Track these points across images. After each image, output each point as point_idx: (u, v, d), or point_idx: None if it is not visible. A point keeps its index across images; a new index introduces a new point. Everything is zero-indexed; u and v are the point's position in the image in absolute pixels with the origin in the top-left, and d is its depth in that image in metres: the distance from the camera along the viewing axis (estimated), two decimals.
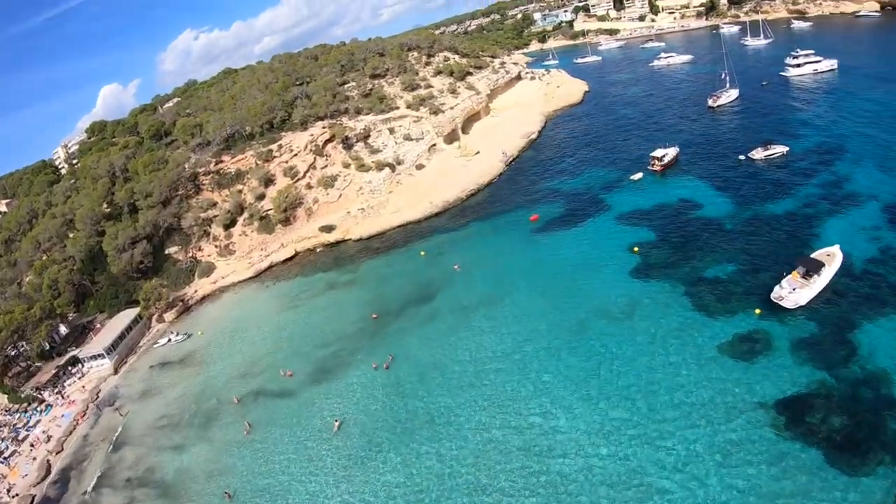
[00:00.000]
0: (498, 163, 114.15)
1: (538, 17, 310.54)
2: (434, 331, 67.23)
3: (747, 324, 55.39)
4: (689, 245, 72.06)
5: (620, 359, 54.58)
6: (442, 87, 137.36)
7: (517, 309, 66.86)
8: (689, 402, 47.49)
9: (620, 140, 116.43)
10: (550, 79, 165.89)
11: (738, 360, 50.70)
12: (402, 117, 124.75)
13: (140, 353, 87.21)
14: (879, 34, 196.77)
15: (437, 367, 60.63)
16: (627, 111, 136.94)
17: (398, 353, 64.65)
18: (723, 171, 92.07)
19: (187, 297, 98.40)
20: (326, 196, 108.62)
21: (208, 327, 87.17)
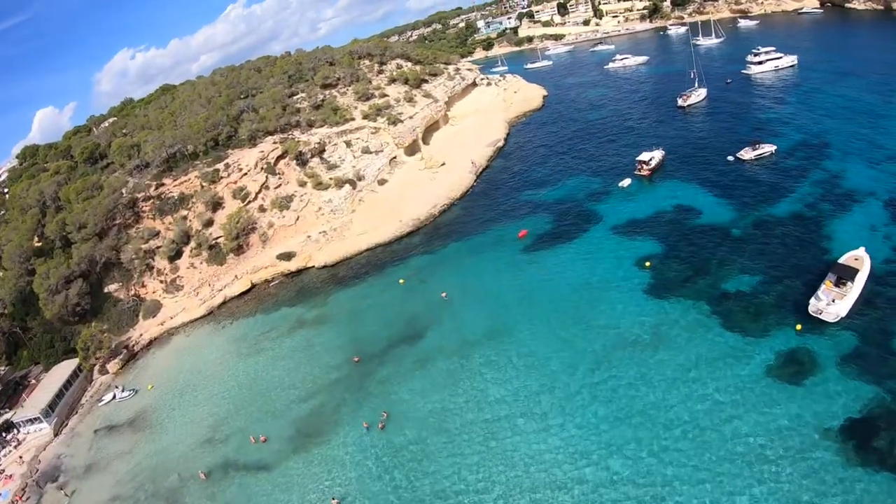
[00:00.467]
0: (467, 174, 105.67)
1: (482, 25, 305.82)
2: (430, 378, 57.25)
3: (787, 341, 49.52)
4: (701, 256, 65.44)
5: (656, 401, 46.74)
6: (398, 95, 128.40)
7: (523, 346, 57.78)
8: (745, 449, 40.63)
9: (595, 145, 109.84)
10: (507, 84, 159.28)
11: (788, 386, 44.92)
12: (359, 129, 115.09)
13: (83, 413, 74.28)
14: (826, 29, 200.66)
15: (441, 426, 50.92)
16: (594, 115, 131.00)
17: (392, 407, 54.39)
18: (714, 174, 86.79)
19: (132, 342, 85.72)
20: (282, 219, 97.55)
21: (159, 379, 74.77)
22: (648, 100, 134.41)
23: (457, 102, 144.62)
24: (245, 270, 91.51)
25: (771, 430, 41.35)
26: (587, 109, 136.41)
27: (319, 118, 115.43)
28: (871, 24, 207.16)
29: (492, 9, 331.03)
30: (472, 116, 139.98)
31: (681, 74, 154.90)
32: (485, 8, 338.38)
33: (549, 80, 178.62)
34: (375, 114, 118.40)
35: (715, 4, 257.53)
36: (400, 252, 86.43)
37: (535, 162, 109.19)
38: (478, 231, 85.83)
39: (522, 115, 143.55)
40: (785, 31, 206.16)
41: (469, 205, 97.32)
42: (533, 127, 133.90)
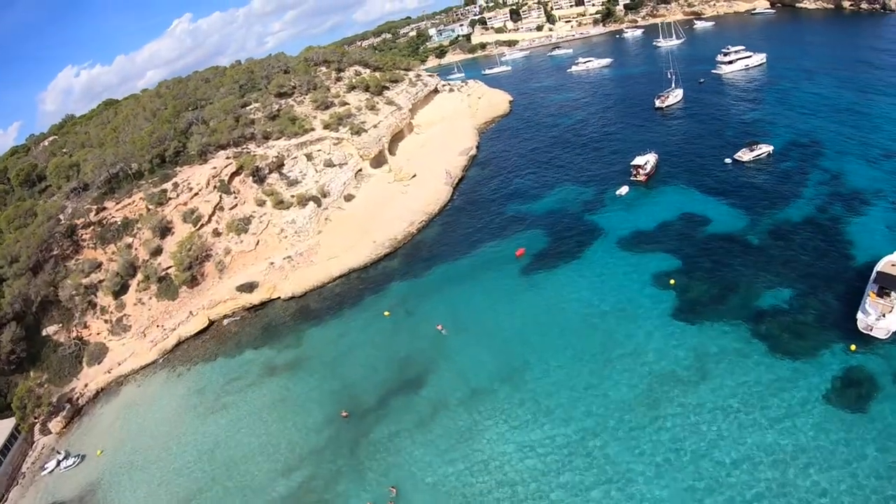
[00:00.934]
0: (443, 186, 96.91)
1: (433, 33, 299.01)
2: (438, 440, 47.22)
3: (839, 362, 43.86)
4: (724, 270, 58.62)
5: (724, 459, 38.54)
6: (359, 103, 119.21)
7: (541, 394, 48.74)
8: None
9: (578, 152, 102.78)
10: (470, 90, 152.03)
11: (851, 413, 39.37)
12: (320, 140, 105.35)
13: (25, 484, 62.27)
14: (782, 28, 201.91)
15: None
16: (568, 120, 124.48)
17: (399, 481, 44.25)
18: (713, 178, 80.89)
19: (76, 394, 73.71)
20: (240, 244, 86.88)
21: (108, 442, 62.98)
22: (623, 102, 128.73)
23: (420, 110, 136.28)
24: (201, 305, 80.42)
25: (851, 477, 34.96)
26: (560, 115, 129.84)
27: (276, 129, 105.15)
28: (824, 22, 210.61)
29: (442, 17, 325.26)
30: (438, 124, 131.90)
31: (648, 75, 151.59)
32: (434, 17, 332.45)
33: (511, 86, 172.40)
34: (337, 123, 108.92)
35: (668, 7, 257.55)
36: (378, 278, 76.62)
37: (515, 172, 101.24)
38: (465, 251, 76.83)
39: (490, 122, 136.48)
40: (742, 31, 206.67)
41: (450, 220, 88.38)
42: (505, 134, 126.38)
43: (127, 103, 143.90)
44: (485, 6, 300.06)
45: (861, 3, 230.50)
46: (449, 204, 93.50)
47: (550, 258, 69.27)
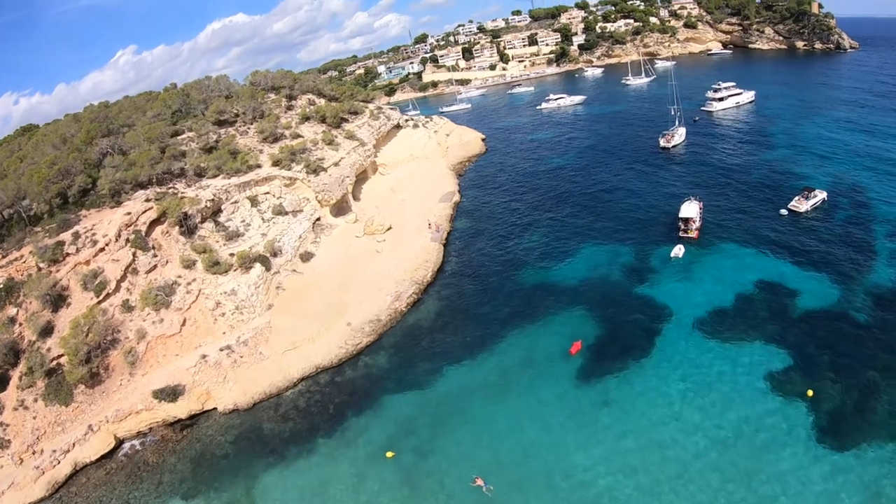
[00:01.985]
0: (430, 242, 74.64)
1: (382, 70, 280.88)
2: None
3: None
4: (849, 364, 42.10)
5: None
6: (315, 136, 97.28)
7: None
8: None
9: (587, 199, 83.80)
10: (436, 126, 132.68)
11: None
12: (268, 180, 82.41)
13: None
14: (745, 67, 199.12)
15: None
16: (560, 160, 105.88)
17: None
18: (772, 232, 64.37)
19: None
20: (160, 324, 61.81)
21: None
22: (618, 142, 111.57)
23: (383, 147, 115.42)
24: (104, 417, 53.96)
25: None
26: (547, 155, 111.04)
27: (213, 165, 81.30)
28: (784, 61, 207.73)
29: (390, 55, 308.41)
30: (407, 164, 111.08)
31: (632, 114, 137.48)
32: (382, 55, 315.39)
33: (476, 123, 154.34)
34: (289, 159, 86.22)
35: (623, 48, 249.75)
36: (361, 385, 51.92)
37: (517, 224, 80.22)
38: (484, 342, 53.61)
39: (466, 161, 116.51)
40: (706, 69, 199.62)
41: (450, 293, 64.77)
42: (487, 176, 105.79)
43: (46, 129, 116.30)
44: (436, 44, 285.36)
45: (815, 43, 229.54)
46: (443, 267, 70.82)
47: (612, 354, 48.09)
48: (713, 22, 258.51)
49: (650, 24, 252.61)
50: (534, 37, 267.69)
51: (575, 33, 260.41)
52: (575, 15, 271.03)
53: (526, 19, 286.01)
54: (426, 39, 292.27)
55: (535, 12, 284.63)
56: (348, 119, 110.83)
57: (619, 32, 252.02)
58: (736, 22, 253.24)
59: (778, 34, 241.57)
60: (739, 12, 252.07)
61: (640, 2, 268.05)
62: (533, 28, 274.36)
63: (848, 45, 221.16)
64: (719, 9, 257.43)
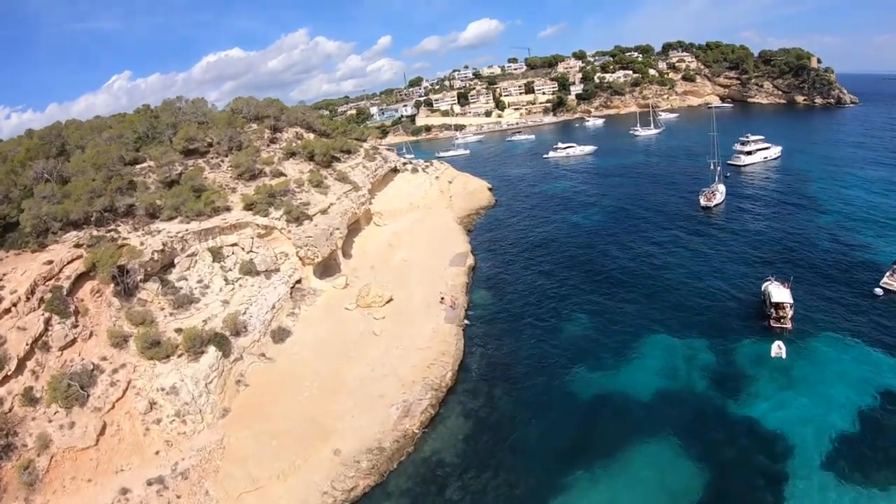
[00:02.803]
0: (445, 324, 54.55)
1: (375, 112, 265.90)
2: None
3: None
4: None
5: None
6: (300, 176, 78.42)
7: None
8: None
9: (635, 274, 64.33)
10: (437, 171, 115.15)
11: None
12: (238, 227, 62.98)
13: None
14: (751, 120, 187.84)
15: None
16: (584, 220, 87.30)
17: None
18: (874, 320, 47.59)
19: None
20: (69, 430, 40.61)
21: None
22: (645, 199, 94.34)
23: (379, 192, 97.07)
24: None
25: None
26: (569, 214, 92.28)
27: (170, 204, 61.52)
28: (786, 114, 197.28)
29: (383, 97, 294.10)
30: (407, 214, 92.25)
31: (652, 166, 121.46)
32: (374, 97, 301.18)
33: (478, 171, 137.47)
34: (266, 202, 66.85)
35: (622, 99, 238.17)
36: None
37: (552, 302, 59.96)
38: (543, 499, 33.68)
39: (474, 213, 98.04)
40: (709, 122, 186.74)
41: (478, 405, 43.80)
42: (501, 234, 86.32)
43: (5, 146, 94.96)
44: (430, 88, 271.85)
45: (815, 97, 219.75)
46: (465, 362, 50.13)
47: None
48: (711, 75, 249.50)
49: (649, 75, 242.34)
50: (530, 85, 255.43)
51: (572, 83, 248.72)
52: (572, 65, 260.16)
53: (522, 67, 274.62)
54: (421, 83, 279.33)
55: (532, 61, 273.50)
56: (340, 158, 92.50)
57: (617, 83, 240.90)
58: (734, 76, 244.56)
59: (777, 88, 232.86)
60: (738, 66, 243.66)
61: (637, 53, 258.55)
62: (529, 76, 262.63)
63: (849, 99, 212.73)
64: (717, 62, 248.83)
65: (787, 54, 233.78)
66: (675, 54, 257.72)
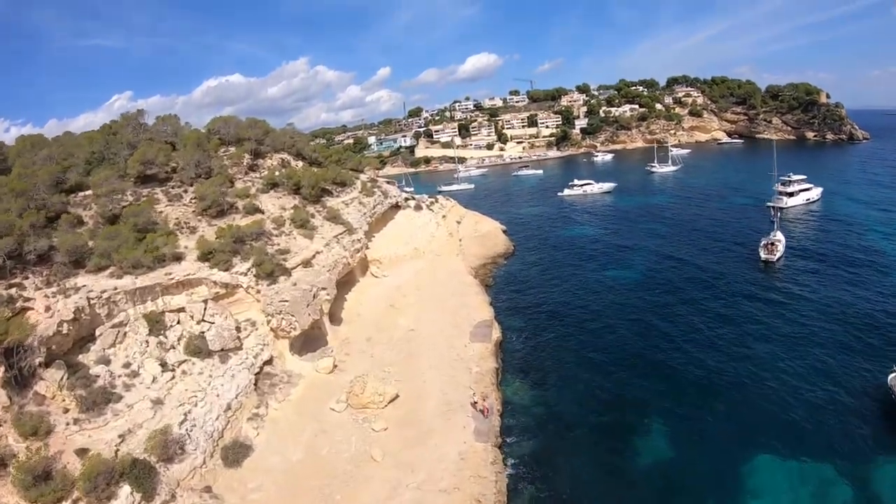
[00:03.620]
0: (475, 443, 36.00)
1: (373, 141, 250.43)
2: None
3: None
4: None
5: None
6: (280, 213, 60.97)
7: None
8: None
9: (711, 371, 45.40)
10: (443, 209, 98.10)
11: None
12: (188, 285, 45.04)
13: None
14: (766, 157, 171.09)
15: None
16: (625, 275, 69.54)
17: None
18: None
19: None
20: None
21: None
22: (688, 250, 77.40)
23: (377, 233, 79.76)
24: None
25: None
26: (600, 265, 75.20)
27: (101, 249, 43.77)
28: (800, 151, 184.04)
29: (381, 127, 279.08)
30: (411, 262, 74.54)
31: (676, 208, 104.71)
32: (373, 127, 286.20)
33: (486, 208, 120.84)
34: (230, 249, 49.35)
35: (629, 134, 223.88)
36: None
37: (609, 398, 42.43)
38: None
39: (490, 262, 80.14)
40: (727, 158, 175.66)
41: None
42: (529, 294, 67.82)
43: None
44: (430, 119, 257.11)
45: (826, 133, 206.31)
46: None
47: None
48: (718, 111, 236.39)
49: (656, 110, 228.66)
50: (533, 118, 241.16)
51: (577, 116, 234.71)
52: (576, 98, 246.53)
53: (524, 99, 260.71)
54: (420, 113, 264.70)
55: (534, 93, 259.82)
56: (332, 192, 75.41)
57: (624, 117, 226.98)
58: (741, 111, 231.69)
59: (786, 124, 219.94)
60: (745, 101, 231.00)
61: (642, 87, 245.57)
62: (532, 109, 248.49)
63: (861, 135, 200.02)
64: (724, 97, 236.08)
65: (795, 89, 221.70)
66: (680, 89, 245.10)
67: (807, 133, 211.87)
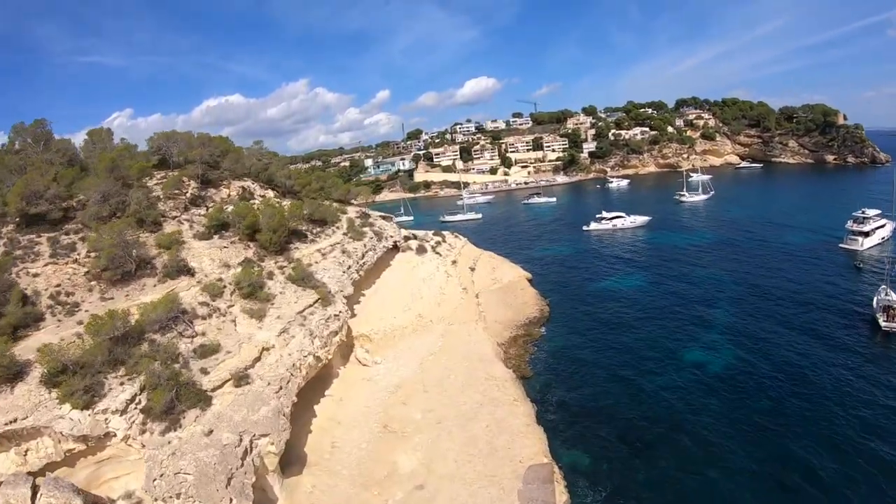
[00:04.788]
0: None
1: (369, 164, 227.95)
2: None
3: None
4: None
5: None
6: (219, 275, 38.39)
7: None
8: None
9: None
10: (453, 250, 75.17)
11: None
12: (17, 437, 22.85)
13: None
14: (798, 183, 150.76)
15: None
16: (714, 363, 45.94)
17: None
18: None
19: None
20: None
21: None
22: (778, 312, 54.63)
23: (367, 290, 56.59)
24: None
25: None
26: (671, 339, 51.68)
27: None
28: (825, 176, 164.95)
29: (379, 150, 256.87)
30: (415, 337, 50.84)
31: (729, 251, 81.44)
32: (370, 150, 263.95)
33: (500, 244, 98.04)
34: (104, 361, 26.67)
35: (640, 158, 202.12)
36: None
37: None
38: None
39: (521, 332, 55.60)
40: (754, 185, 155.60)
41: None
42: (583, 388, 44.50)
43: None
44: (430, 141, 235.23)
45: (847, 156, 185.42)
46: None
47: None
48: (731, 133, 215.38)
49: (668, 133, 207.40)
50: (538, 141, 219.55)
51: (584, 139, 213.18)
52: (582, 120, 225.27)
53: (528, 122, 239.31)
54: (420, 135, 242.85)
55: (538, 116, 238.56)
56: (307, 234, 52.60)
57: (635, 141, 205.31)
58: (755, 134, 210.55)
59: (803, 147, 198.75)
60: (759, 123, 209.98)
61: (651, 109, 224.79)
62: (536, 132, 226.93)
63: (883, 158, 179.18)
64: (736, 119, 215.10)
65: (811, 110, 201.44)
66: (690, 111, 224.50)
67: (826, 156, 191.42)
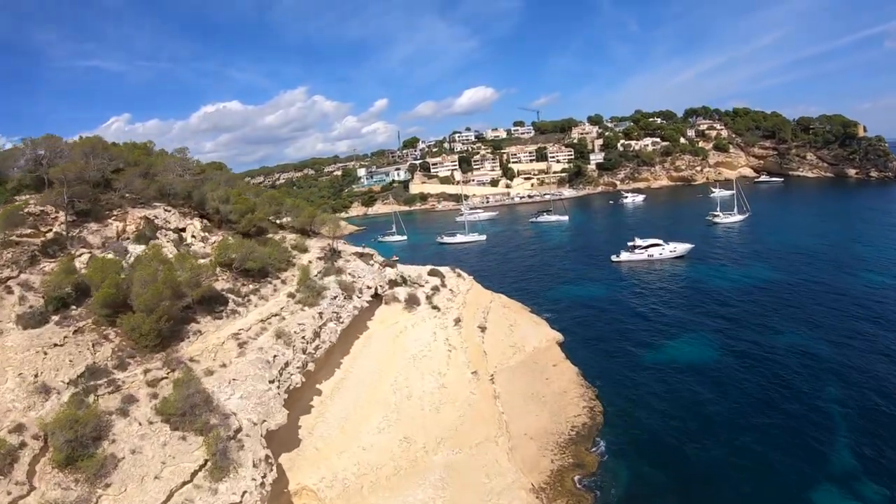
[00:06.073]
0: None
1: (363, 174, 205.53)
2: None
3: None
4: None
5: None
6: (19, 399, 16.10)
7: None
8: None
9: None
10: (454, 302, 52.93)
11: None
12: None
13: None
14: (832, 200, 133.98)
15: None
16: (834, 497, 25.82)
17: None
18: None
19: None
20: None
21: None
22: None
23: (326, 378, 34.39)
24: None
25: None
26: (797, 473, 29.68)
27: None
28: (850, 191, 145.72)
29: (374, 159, 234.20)
30: (387, 496, 29.16)
31: (806, 294, 57.78)
32: (365, 158, 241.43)
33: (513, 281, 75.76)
34: None
35: (651, 170, 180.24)
36: None
37: None
38: None
39: (572, 469, 32.87)
40: (778, 201, 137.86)
41: None
42: None
43: None
44: (427, 150, 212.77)
45: (870, 171, 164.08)
46: None
47: None
48: (744, 145, 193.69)
49: (680, 144, 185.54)
50: (542, 151, 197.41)
51: (591, 150, 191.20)
52: (588, 130, 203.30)
53: (530, 131, 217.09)
54: (416, 144, 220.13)
55: (541, 125, 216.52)
56: (228, 299, 29.65)
57: (646, 152, 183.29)
58: (770, 146, 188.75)
59: (822, 160, 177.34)
60: (774, 135, 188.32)
61: (660, 119, 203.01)
62: (540, 141, 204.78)
63: None
64: (750, 130, 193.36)
65: (829, 121, 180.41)
66: (701, 121, 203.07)
67: (847, 170, 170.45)
